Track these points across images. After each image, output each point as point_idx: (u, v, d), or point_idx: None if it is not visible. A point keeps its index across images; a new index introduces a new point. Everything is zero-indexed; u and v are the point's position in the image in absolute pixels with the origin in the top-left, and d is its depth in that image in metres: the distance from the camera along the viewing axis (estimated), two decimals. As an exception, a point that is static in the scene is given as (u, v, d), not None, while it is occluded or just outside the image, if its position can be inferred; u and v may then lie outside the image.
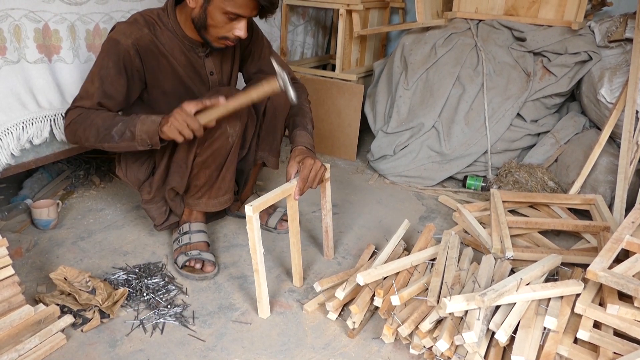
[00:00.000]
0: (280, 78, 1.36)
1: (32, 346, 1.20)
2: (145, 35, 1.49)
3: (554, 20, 2.37)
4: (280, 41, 2.91)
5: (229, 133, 1.48)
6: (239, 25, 1.44)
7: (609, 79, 2.13)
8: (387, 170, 2.44)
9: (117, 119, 1.42)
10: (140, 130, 1.37)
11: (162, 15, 1.55)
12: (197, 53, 1.60)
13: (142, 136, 1.38)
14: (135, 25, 1.49)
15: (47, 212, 1.79)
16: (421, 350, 1.26)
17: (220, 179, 1.59)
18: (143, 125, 1.38)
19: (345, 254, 1.77)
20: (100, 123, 1.42)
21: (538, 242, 1.81)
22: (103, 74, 1.45)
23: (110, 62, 1.45)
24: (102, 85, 1.45)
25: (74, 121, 1.45)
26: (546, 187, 2.11)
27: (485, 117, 2.29)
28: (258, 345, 1.31)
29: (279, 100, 1.66)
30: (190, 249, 1.63)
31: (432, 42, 2.46)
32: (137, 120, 1.39)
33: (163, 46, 1.53)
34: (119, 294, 1.41)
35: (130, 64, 1.48)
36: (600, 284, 1.26)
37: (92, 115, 1.44)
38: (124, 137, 1.39)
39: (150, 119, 1.38)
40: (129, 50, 1.46)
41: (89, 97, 1.46)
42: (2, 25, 1.50)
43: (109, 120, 1.42)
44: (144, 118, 1.39)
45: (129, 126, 1.39)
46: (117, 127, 1.40)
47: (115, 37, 1.46)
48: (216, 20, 1.43)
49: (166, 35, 1.54)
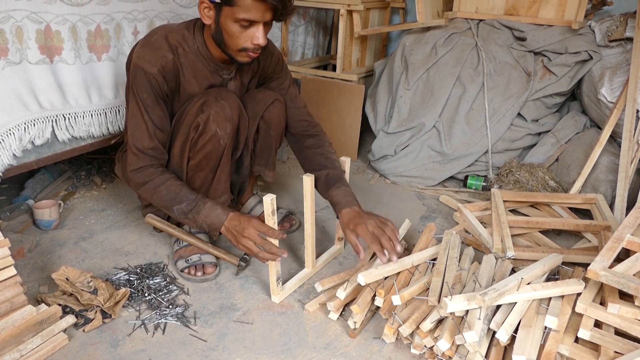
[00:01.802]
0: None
1: (34, 346, 1.21)
2: (170, 62, 1.44)
3: (555, 20, 2.37)
4: (281, 41, 2.91)
5: (219, 135, 1.47)
6: (256, 32, 1.38)
7: (609, 78, 2.13)
8: (388, 170, 2.44)
9: (181, 194, 1.43)
10: (203, 222, 1.42)
11: (188, 36, 1.49)
12: (221, 75, 1.57)
13: (204, 226, 1.43)
14: (160, 51, 1.43)
15: (48, 213, 1.79)
16: (422, 349, 1.26)
17: (216, 181, 1.58)
18: (207, 217, 1.41)
19: (347, 254, 1.77)
20: (164, 194, 1.44)
21: (539, 242, 1.81)
22: (147, 105, 1.43)
23: (145, 94, 1.43)
24: (151, 119, 1.44)
25: (138, 175, 1.45)
26: (547, 187, 2.11)
27: (486, 117, 2.30)
28: (259, 345, 1.31)
29: (271, 115, 1.64)
30: (191, 251, 1.62)
31: (433, 42, 2.46)
32: (202, 209, 1.41)
33: (187, 69, 1.49)
34: (120, 294, 1.41)
35: (161, 90, 1.45)
36: (601, 283, 1.26)
37: (157, 179, 1.45)
38: (186, 218, 1.43)
39: (216, 212, 1.41)
40: (157, 77, 1.42)
41: (142, 134, 1.45)
42: (4, 27, 1.50)
43: (172, 194, 1.43)
44: (210, 208, 1.41)
45: (192, 211, 1.42)
46: (180, 206, 1.42)
47: (141, 65, 1.41)
48: (230, 31, 1.38)
49: (190, 58, 1.49)
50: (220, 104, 1.46)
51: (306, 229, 1.54)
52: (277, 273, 1.43)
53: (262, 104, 1.63)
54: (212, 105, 1.45)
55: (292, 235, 1.88)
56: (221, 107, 1.46)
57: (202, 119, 1.45)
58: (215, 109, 1.45)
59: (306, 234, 1.55)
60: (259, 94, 1.65)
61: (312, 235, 1.55)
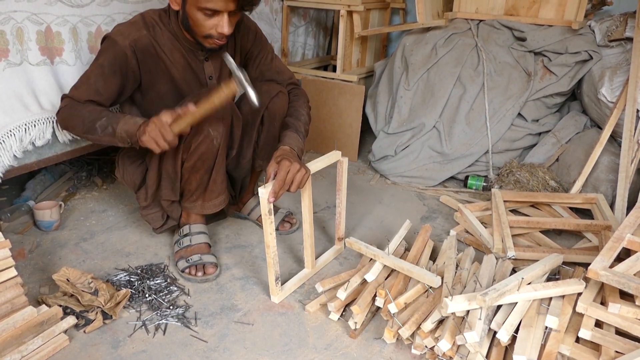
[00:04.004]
0: (237, 79, 1.35)
1: (35, 347, 1.21)
2: (144, 37, 1.50)
3: (554, 20, 2.37)
4: (281, 42, 2.92)
5: (212, 136, 1.48)
6: (220, 21, 1.43)
7: (609, 78, 2.13)
8: (388, 171, 2.44)
9: (103, 113, 1.45)
10: (121, 129, 1.40)
11: (164, 16, 1.56)
12: (197, 56, 1.61)
13: (122, 134, 1.40)
14: (134, 26, 1.50)
15: (49, 214, 1.80)
16: (423, 350, 1.26)
17: (212, 182, 1.59)
18: (125, 124, 1.40)
19: (347, 255, 1.77)
20: (86, 115, 1.45)
21: (539, 242, 1.81)
22: (98, 72, 1.48)
23: (106, 61, 1.48)
24: (95, 83, 1.48)
25: (64, 109, 1.49)
26: (547, 187, 2.11)
27: (486, 117, 2.30)
28: (260, 346, 1.31)
29: (275, 107, 1.66)
30: (191, 252, 1.62)
31: (433, 42, 2.46)
32: (121, 119, 1.42)
33: (161, 48, 1.54)
34: (121, 295, 1.41)
35: (126, 65, 1.50)
36: (601, 283, 1.26)
37: (80, 106, 1.47)
38: (106, 131, 1.42)
39: (133, 120, 1.41)
40: (126, 50, 1.47)
41: (83, 90, 1.49)
42: (5, 28, 1.50)
43: (94, 114, 1.44)
44: (128, 118, 1.41)
45: (111, 122, 1.42)
46: (101, 121, 1.43)
47: (113, 37, 1.48)
48: (195, 18, 1.43)
49: (166, 36, 1.55)
50: None
51: (305, 229, 1.55)
52: (276, 273, 1.44)
53: (267, 96, 1.65)
54: None
55: (292, 236, 1.89)
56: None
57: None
58: None
59: (305, 233, 1.55)
60: (263, 86, 1.67)
61: (311, 235, 1.56)
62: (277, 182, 1.35)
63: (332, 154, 1.57)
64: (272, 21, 2.80)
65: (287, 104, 1.69)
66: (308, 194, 1.50)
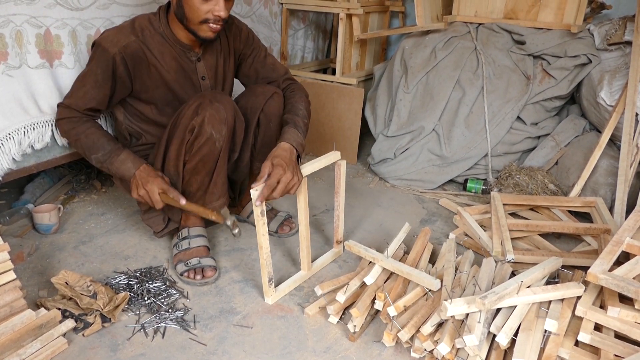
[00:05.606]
0: (229, 220, 1.48)
1: (33, 350, 1.21)
2: (132, 42, 1.51)
3: (554, 24, 2.38)
4: (280, 45, 2.92)
5: (215, 138, 1.48)
6: (216, 5, 1.45)
7: (608, 81, 2.13)
8: (387, 174, 2.44)
9: (98, 144, 1.52)
10: (117, 173, 1.52)
11: (154, 19, 1.57)
12: (188, 57, 1.62)
13: (118, 177, 1.56)
14: (122, 31, 1.52)
15: (48, 217, 1.79)
16: (422, 353, 1.26)
17: (212, 184, 1.59)
18: (118, 170, 1.51)
19: (346, 258, 1.77)
20: (84, 141, 1.53)
21: (539, 245, 1.81)
22: (92, 80, 1.51)
23: (99, 69, 1.50)
24: (91, 91, 1.53)
25: (64, 122, 1.55)
26: (547, 190, 2.11)
27: (486, 120, 2.30)
28: (259, 349, 1.31)
29: (270, 109, 1.67)
30: (190, 255, 1.62)
31: (432, 45, 2.46)
32: (115, 160, 1.50)
33: (152, 52, 1.55)
34: (120, 298, 1.41)
35: (116, 73, 1.52)
36: (601, 287, 1.26)
37: (78, 125, 1.54)
38: (102, 167, 1.54)
39: (126, 166, 1.50)
40: (115, 57, 1.49)
41: (79, 98, 1.53)
42: (4, 31, 1.50)
43: (90, 142, 1.52)
44: (122, 161, 1.50)
45: (106, 161, 1.51)
46: (97, 155, 1.52)
47: (103, 44, 1.49)
48: (191, 4, 1.45)
49: (156, 40, 1.56)
50: (215, 107, 1.47)
51: (300, 230, 1.55)
52: (269, 274, 1.43)
53: (262, 97, 1.66)
54: (207, 107, 1.46)
55: (291, 239, 1.88)
56: (216, 110, 1.47)
57: (197, 121, 1.46)
58: (210, 111, 1.46)
59: (301, 235, 1.56)
60: (258, 88, 1.69)
61: (307, 237, 1.56)
62: (266, 189, 1.36)
63: (330, 154, 1.57)
64: (271, 24, 2.80)
65: (282, 105, 1.70)
66: (304, 197, 1.50)
